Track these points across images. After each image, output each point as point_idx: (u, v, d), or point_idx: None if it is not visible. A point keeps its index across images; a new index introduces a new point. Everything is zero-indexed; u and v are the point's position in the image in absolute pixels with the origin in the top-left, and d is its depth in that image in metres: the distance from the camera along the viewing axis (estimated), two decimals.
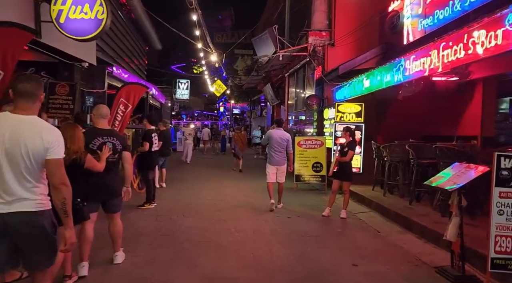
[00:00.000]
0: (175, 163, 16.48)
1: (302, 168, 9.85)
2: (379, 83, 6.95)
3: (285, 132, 7.50)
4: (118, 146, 4.05)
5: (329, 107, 10.69)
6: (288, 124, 16.35)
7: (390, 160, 7.45)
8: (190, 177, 11.77)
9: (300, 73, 14.14)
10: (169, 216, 6.58)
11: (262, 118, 25.98)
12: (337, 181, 6.78)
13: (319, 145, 9.85)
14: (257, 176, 12.22)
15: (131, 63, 17.31)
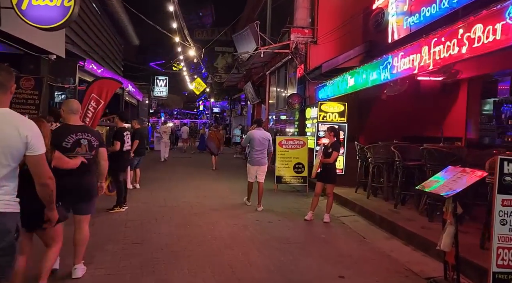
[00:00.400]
0: (151, 162, 15.89)
1: (283, 168, 9.50)
2: (365, 81, 6.67)
3: (266, 132, 7.46)
4: (94, 142, 3.77)
5: (312, 106, 10.39)
6: (268, 124, 16.01)
7: (374, 161, 7.18)
8: (166, 177, 11.24)
9: (281, 72, 13.81)
10: (140, 221, 6.08)
11: (243, 117, 25.57)
12: (320, 183, 6.46)
13: (301, 145, 9.53)
14: (235, 176, 11.82)
15: (106, 58, 16.57)
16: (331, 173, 6.36)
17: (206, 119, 39.27)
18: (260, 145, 7.07)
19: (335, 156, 6.28)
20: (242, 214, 6.91)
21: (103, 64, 15.96)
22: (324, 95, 9.38)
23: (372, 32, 9.32)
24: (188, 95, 51.60)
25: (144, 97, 22.50)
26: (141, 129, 9.58)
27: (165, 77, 23.61)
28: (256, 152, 7.12)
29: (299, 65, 11.33)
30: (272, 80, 15.30)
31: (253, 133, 7.23)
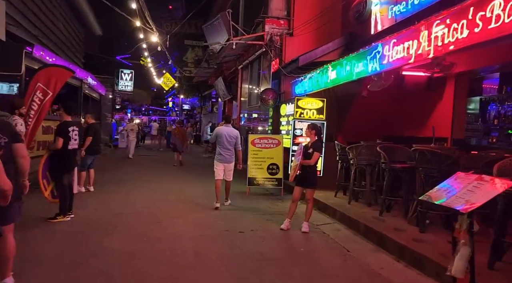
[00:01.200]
0: (114, 161, 14.68)
1: (256, 170, 8.72)
2: (348, 74, 5.99)
3: (234, 129, 7.30)
4: (1, 139, 2.94)
5: (287, 102, 9.66)
6: (240, 122, 15.19)
7: (357, 163, 6.53)
8: (127, 177, 10.17)
9: (254, 66, 13.02)
10: (87, 233, 5.10)
11: (213, 115, 24.61)
12: (299, 188, 5.72)
13: (276, 144, 8.78)
14: (204, 177, 10.93)
15: (62, 46, 15.14)
16: (311, 176, 5.64)
17: (176, 116, 37.91)
18: (228, 142, 6.97)
19: (317, 157, 5.56)
20: (210, 221, 6.06)
21: (58, 53, 14.55)
22: (301, 91, 8.68)
23: (352, 24, 8.71)
24: (157, 91, 49.92)
25: (108, 91, 21.04)
26: (95, 125, 8.53)
27: (131, 71, 22.21)
28: (224, 149, 7.00)
29: (273, 59, 10.57)
30: (245, 75, 14.48)
31: (221, 130, 7.09)
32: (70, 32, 17.04)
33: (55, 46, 13.96)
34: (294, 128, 8.37)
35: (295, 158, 5.88)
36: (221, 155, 7.01)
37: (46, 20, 12.92)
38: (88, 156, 8.03)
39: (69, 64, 12.47)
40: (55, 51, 13.72)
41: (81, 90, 14.75)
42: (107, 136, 21.32)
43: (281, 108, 10.24)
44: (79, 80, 14.27)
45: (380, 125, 8.65)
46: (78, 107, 5.51)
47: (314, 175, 5.68)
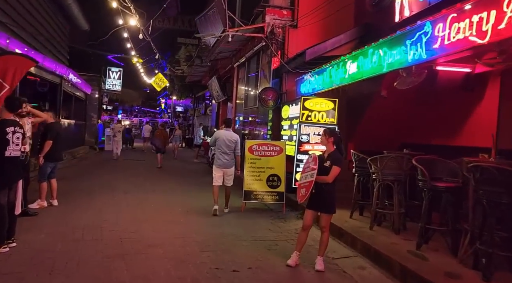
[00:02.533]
0: (96, 165, 13.23)
1: (253, 182, 7.37)
2: (376, 66, 4.68)
3: (234, 133, 7.02)
4: None
5: (290, 103, 8.35)
6: (235, 125, 13.84)
7: (381, 178, 5.21)
8: (105, 187, 8.76)
9: (252, 63, 11.71)
10: (22, 275, 3.71)
11: (206, 117, 23.26)
12: (312, 213, 4.37)
13: (277, 151, 7.44)
14: (194, 187, 9.55)
15: (40, 38, 13.69)
16: (328, 198, 4.30)
17: (167, 118, 36.48)
18: (227, 147, 6.72)
19: (336, 173, 4.23)
20: (195, 252, 4.69)
21: (35, 44, 13.11)
22: (308, 89, 7.37)
23: (369, 12, 7.44)
24: (150, 92, 48.50)
25: (94, 90, 19.61)
26: (56, 125, 7.16)
27: (119, 69, 20.78)
28: (222, 153, 6.74)
29: (275, 54, 9.26)
30: (241, 74, 13.16)
31: (220, 134, 6.87)
32: (52, 25, 15.60)
33: (31, 37, 12.53)
34: (299, 133, 7.04)
35: (304, 171, 4.54)
36: (220, 160, 6.75)
37: (19, 7, 11.50)
38: (47, 163, 6.68)
39: (51, 61, 11.07)
40: (30, 43, 12.30)
41: (61, 87, 13.32)
42: (93, 138, 19.86)
43: (282, 110, 8.92)
44: (58, 76, 12.87)
45: (399, 132, 7.34)
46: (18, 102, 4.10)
47: (331, 195, 4.34)
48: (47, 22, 14.91)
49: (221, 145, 6.71)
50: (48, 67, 11.38)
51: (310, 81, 7.16)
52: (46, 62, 11.03)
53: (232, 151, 6.80)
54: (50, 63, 11.43)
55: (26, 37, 12.21)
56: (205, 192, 8.79)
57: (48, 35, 14.94)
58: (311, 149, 6.95)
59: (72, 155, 15.23)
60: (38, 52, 11.75)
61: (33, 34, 13.04)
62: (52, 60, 12.00)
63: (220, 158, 6.76)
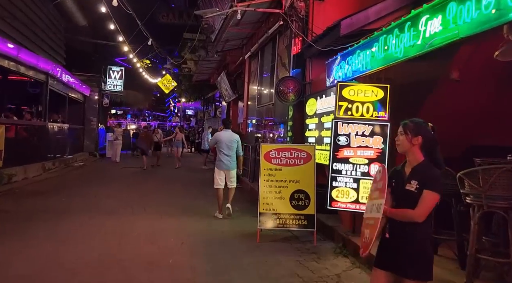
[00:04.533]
0: (87, 175, 11.37)
1: (272, 200, 5.43)
2: (495, 13, 2.63)
3: (234, 134, 6.87)
4: None
5: (318, 95, 6.40)
6: (247, 127, 11.94)
7: (486, 204, 3.20)
8: (81, 205, 6.92)
9: (267, 51, 9.80)
10: None
11: (216, 120, 21.44)
12: (384, 276, 2.40)
13: (304, 159, 5.49)
14: (197, 202, 7.64)
15: (27, 32, 12.07)
16: (417, 251, 2.32)
17: (177, 122, 34.85)
18: (228, 148, 6.61)
19: (431, 204, 2.27)
20: None
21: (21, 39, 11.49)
22: (346, 73, 5.39)
23: None
24: (160, 96, 47.02)
25: (93, 91, 17.99)
26: None
27: (120, 68, 19.11)
28: (224, 155, 6.61)
29: (297, 33, 7.33)
30: (253, 66, 11.26)
31: (220, 135, 6.80)
32: (42, 18, 14.02)
33: (15, 31, 10.90)
34: (336, 133, 5.05)
35: (371, 198, 2.57)
36: (222, 161, 6.62)
37: None
38: None
39: (19, 48, 9.37)
40: (14, 37, 10.68)
41: (47, 86, 11.64)
42: (93, 144, 18.22)
43: (307, 105, 6.98)
44: (43, 73, 11.19)
45: (470, 130, 5.29)
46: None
47: (423, 246, 2.35)
48: (37, 15, 13.32)
49: (221, 146, 6.57)
50: (27, 61, 9.68)
51: (350, 61, 5.18)
52: (22, 55, 9.33)
53: (233, 151, 6.65)
54: (28, 56, 9.74)
55: (9, 31, 10.58)
56: (210, 209, 6.92)
57: (37, 29, 13.32)
58: (352, 156, 4.98)
59: (66, 163, 13.56)
60: (21, 47, 10.10)
61: (19, 27, 11.42)
62: (33, 53, 10.31)
63: (222, 160, 6.60)
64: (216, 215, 6.53)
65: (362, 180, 4.93)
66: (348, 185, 4.99)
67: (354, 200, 4.96)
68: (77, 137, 16.62)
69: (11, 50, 8.75)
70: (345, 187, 5.00)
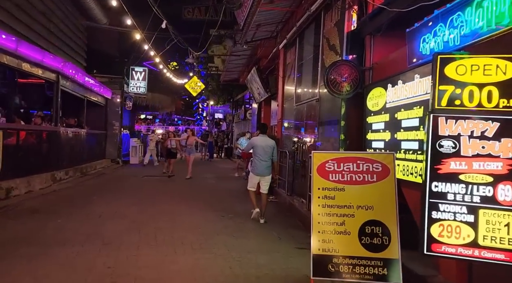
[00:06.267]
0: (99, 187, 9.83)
1: (333, 235, 3.65)
2: None
3: (270, 139, 6.70)
4: None
5: (389, 82, 4.55)
6: (282, 129, 10.20)
7: None
8: (76, 231, 5.36)
9: (309, 35, 8.02)
10: None
11: (246, 122, 19.84)
12: None
13: (378, 173, 3.68)
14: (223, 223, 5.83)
15: (38, 27, 10.94)
16: None
17: (205, 126, 33.62)
18: (264, 153, 6.52)
19: None
20: None
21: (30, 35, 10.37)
22: (450, 41, 3.52)
23: None
24: (189, 99, 46.16)
25: (115, 94, 16.86)
26: None
27: (144, 69, 17.88)
28: (260, 160, 6.53)
29: (350, 6, 5.52)
30: (290, 57, 9.50)
31: (256, 141, 6.71)
32: (59, 16, 12.98)
33: (21, 24, 9.75)
34: (435, 136, 3.18)
35: None
36: (257, 167, 6.56)
37: None
38: None
39: (19, 41, 8.10)
40: (20, 31, 9.53)
41: (58, 86, 10.41)
42: (115, 150, 17.05)
43: (369, 97, 5.14)
44: (52, 71, 9.95)
45: None
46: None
47: None
48: (55, 14, 12.27)
49: (258, 152, 6.54)
50: (29, 56, 8.41)
51: (458, 20, 3.32)
52: (22, 49, 8.05)
53: (269, 157, 6.58)
54: (30, 51, 8.47)
55: (14, 23, 9.43)
56: (241, 237, 5.23)
57: (52, 26, 12.24)
58: (464, 170, 3.11)
59: (82, 171, 12.33)
60: (32, 45, 8.91)
61: (29, 23, 10.30)
62: (36, 48, 9.05)
63: (258, 165, 6.58)
64: (253, 216, 6.52)
65: (483, 209, 3.05)
66: (459, 218, 3.11)
67: (470, 241, 3.07)
68: (97, 143, 15.47)
69: (7, 43, 7.46)
70: (454, 221, 3.12)
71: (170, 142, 13.12)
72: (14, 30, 9.21)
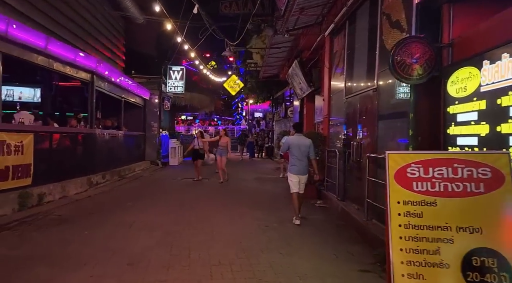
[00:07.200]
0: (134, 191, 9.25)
1: (422, 269, 2.62)
2: None
3: (306, 138, 6.68)
4: None
5: (485, 59, 3.43)
6: (329, 126, 9.17)
7: None
8: (106, 245, 4.70)
9: (361, 16, 6.93)
10: None
11: (287, 121, 18.88)
12: None
13: (487, 182, 2.62)
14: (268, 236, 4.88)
15: (70, 24, 10.66)
16: None
17: (245, 125, 33.00)
18: (300, 153, 6.46)
19: None
20: None
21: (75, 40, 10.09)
22: None
23: None
24: (228, 99, 45.86)
25: (153, 94, 16.53)
26: None
27: (181, 67, 17.42)
28: (297, 160, 6.47)
29: None
30: (337, 45, 8.43)
31: (292, 140, 6.70)
32: (99, 18, 12.76)
33: (51, 21, 9.45)
34: None
35: None
36: (295, 166, 6.48)
37: None
38: None
39: (48, 38, 7.69)
40: (51, 29, 9.23)
41: (93, 87, 10.04)
42: (154, 151, 16.73)
43: (450, 81, 4.04)
44: (85, 71, 9.58)
45: None
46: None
47: None
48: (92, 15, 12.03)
49: (294, 151, 6.48)
50: (59, 55, 8.01)
51: None
52: (52, 47, 7.63)
53: (306, 156, 6.49)
54: (61, 49, 8.05)
55: (44, 21, 9.14)
56: (288, 254, 4.33)
57: (88, 26, 11.98)
58: None
59: (120, 174, 11.98)
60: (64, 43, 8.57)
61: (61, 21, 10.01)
62: (67, 46, 8.64)
63: (295, 164, 6.49)
64: (294, 222, 6.33)
65: None
66: None
67: None
68: (136, 145, 15.17)
69: (36, 41, 7.05)
70: None
71: (198, 141, 11.59)
72: (47, 29, 8.88)
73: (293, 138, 6.80)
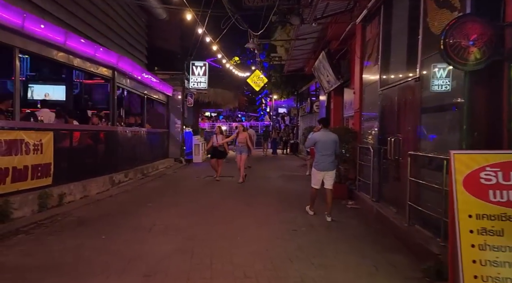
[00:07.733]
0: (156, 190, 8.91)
1: None
2: None
3: (332, 134, 6.56)
4: None
5: None
6: (361, 122, 8.53)
7: None
8: (122, 251, 4.33)
9: None
10: None
11: (313, 116, 18.21)
12: None
13: None
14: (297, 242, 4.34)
15: (94, 22, 10.46)
16: None
17: (269, 121, 32.47)
18: (327, 149, 6.34)
19: None
20: None
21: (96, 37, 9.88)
22: None
23: None
24: (252, 95, 45.39)
25: (176, 90, 16.25)
26: None
27: (204, 63, 17.05)
28: (323, 156, 6.34)
29: None
30: (370, 33, 7.76)
31: (318, 135, 6.54)
32: (121, 13, 12.54)
33: (73, 17, 9.24)
34: None
35: None
36: (322, 163, 6.35)
37: None
38: None
39: (67, 33, 7.42)
40: (71, 24, 9.02)
41: (114, 83, 9.79)
42: (178, 148, 16.50)
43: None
44: (106, 67, 9.33)
45: None
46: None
47: None
48: (115, 11, 11.83)
49: (321, 147, 6.35)
50: (79, 50, 7.74)
51: None
52: (71, 42, 7.36)
53: (332, 152, 6.37)
54: (80, 44, 7.78)
55: (67, 18, 8.93)
56: (322, 265, 3.82)
57: (112, 23, 11.77)
58: None
59: (143, 172, 11.75)
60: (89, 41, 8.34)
61: (86, 18, 9.81)
62: (86, 41, 8.36)
63: (322, 161, 6.35)
64: (307, 210, 6.49)
65: None
66: None
67: None
68: (159, 142, 14.95)
69: (54, 36, 6.78)
70: None
71: (217, 138, 10.86)
72: (67, 24, 8.65)
73: (319, 133, 6.65)
